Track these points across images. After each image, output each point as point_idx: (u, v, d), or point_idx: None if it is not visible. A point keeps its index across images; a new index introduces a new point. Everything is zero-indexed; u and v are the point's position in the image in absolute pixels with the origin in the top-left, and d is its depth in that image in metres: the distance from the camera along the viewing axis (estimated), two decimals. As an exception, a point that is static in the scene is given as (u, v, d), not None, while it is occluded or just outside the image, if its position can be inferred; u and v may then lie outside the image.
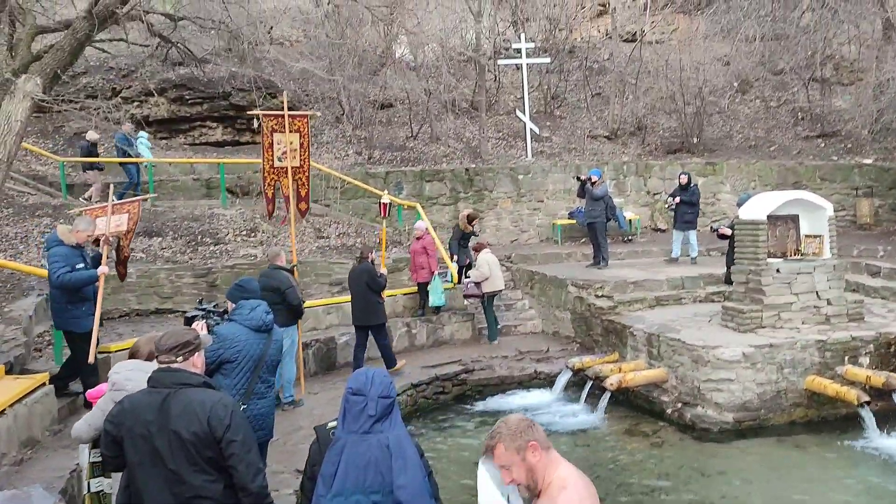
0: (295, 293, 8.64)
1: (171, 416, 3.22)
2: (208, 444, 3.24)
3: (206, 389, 3.33)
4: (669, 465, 7.99)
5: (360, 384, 3.27)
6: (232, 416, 3.29)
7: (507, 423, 2.82)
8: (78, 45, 10.36)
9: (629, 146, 20.63)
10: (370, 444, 3.20)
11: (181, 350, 3.34)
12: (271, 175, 9.84)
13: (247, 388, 4.83)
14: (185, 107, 19.08)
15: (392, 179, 17.37)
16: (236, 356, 4.81)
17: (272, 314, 5.09)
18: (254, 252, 13.34)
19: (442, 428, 9.53)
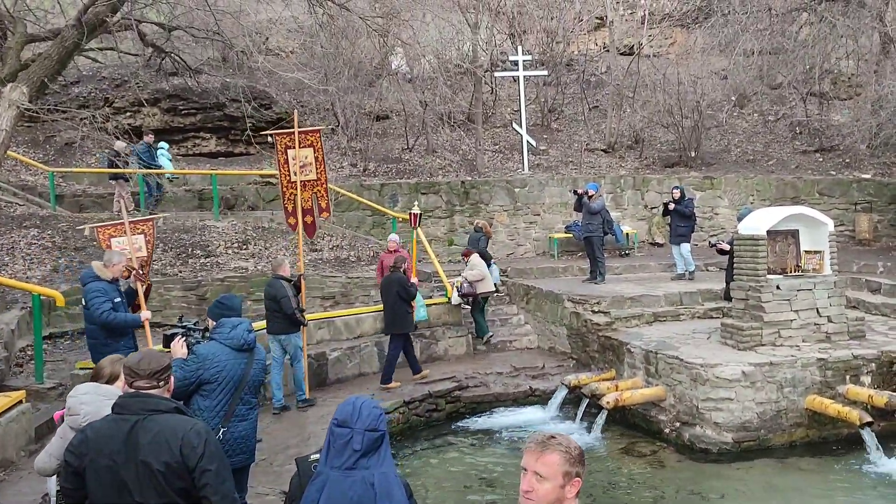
0: (289, 303, 8.90)
1: (139, 445, 2.99)
2: (180, 475, 3.02)
3: (178, 415, 3.11)
4: (667, 486, 7.76)
5: (346, 415, 2.97)
6: (206, 444, 3.07)
7: (570, 442, 2.53)
8: (66, 54, 10.18)
9: (626, 160, 20.50)
10: (354, 481, 2.91)
11: (162, 374, 3.13)
12: (290, 190, 10.12)
13: (227, 410, 4.62)
14: (179, 117, 18.93)
15: (387, 192, 17.20)
16: (216, 377, 4.59)
17: (254, 333, 4.87)
18: (245, 265, 13.14)
19: (435, 446, 9.29)
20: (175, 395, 4.52)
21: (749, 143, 20.49)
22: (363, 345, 11.37)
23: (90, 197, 16.06)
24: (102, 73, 19.33)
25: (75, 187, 16.58)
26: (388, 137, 20.85)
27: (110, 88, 18.94)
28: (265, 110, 19.89)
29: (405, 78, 21.41)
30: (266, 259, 13.62)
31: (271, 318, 9.15)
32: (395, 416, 9.61)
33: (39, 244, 12.44)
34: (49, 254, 12.18)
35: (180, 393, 4.53)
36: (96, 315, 6.78)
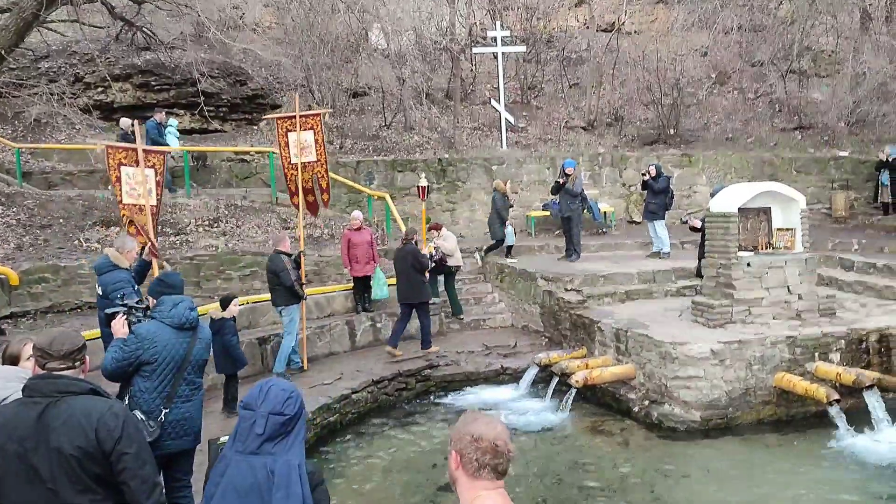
0: (287, 276, 9.45)
1: (50, 429, 2.85)
2: (95, 460, 2.88)
3: (94, 397, 2.96)
4: (634, 465, 7.72)
5: (252, 397, 2.84)
6: (124, 426, 2.93)
7: (464, 417, 2.45)
8: (24, 26, 9.88)
9: (606, 137, 20.37)
10: (254, 466, 2.77)
11: (77, 355, 2.98)
12: (291, 171, 10.45)
13: (169, 391, 4.47)
14: (152, 93, 18.55)
15: (363, 169, 17.00)
16: (156, 357, 4.44)
17: (196, 310, 4.71)
18: (215, 243, 12.92)
19: (403, 425, 9.21)
20: (114, 376, 4.42)
21: (728, 121, 20.39)
22: (333, 324, 11.25)
23: (59, 174, 15.74)
24: (72, 47, 18.88)
25: (44, 164, 16.24)
26: (365, 114, 20.58)
27: (80, 63, 18.49)
28: (241, 86, 19.57)
29: (383, 54, 21.11)
30: (238, 237, 13.42)
31: (273, 290, 9.76)
32: (363, 396, 9.53)
33: (3, 221, 12.17)
34: (13, 231, 11.92)
35: (119, 374, 4.40)
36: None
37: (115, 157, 8.28)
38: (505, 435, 2.34)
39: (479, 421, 2.36)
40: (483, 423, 2.35)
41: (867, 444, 7.79)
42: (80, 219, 12.78)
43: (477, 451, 2.30)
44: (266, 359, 10.31)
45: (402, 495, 7.06)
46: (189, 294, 11.60)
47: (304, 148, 10.35)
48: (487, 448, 2.29)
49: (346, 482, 7.51)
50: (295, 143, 10.31)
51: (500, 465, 2.31)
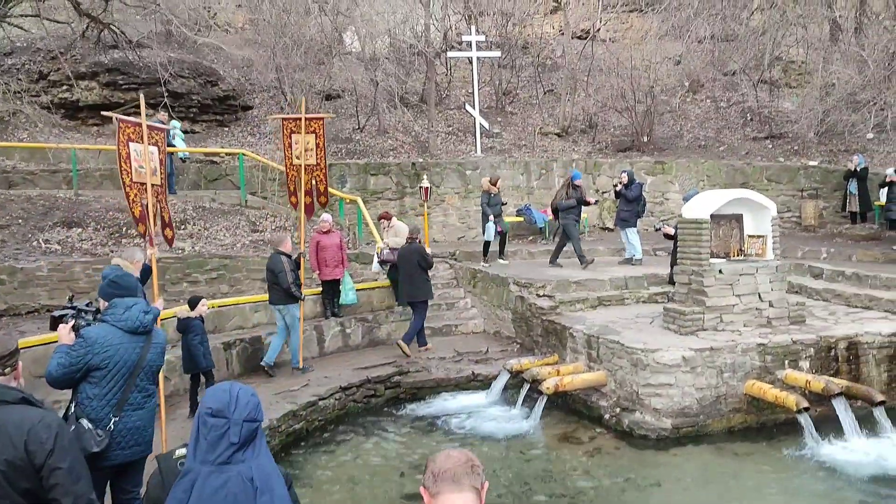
0: (285, 277, 9.68)
1: None
2: (25, 474, 2.68)
3: (26, 407, 2.76)
4: (603, 474, 7.60)
5: (222, 403, 2.64)
6: (56, 438, 2.73)
7: (475, 466, 2.35)
8: (-17, 19, 9.52)
9: (580, 144, 20.38)
10: (229, 476, 2.60)
11: (7, 360, 2.76)
12: (292, 172, 10.86)
13: (119, 399, 4.24)
14: (119, 92, 18.16)
15: (335, 172, 16.77)
16: (107, 362, 4.20)
17: (151, 314, 4.49)
18: (182, 245, 12.63)
19: (371, 433, 9.01)
20: (59, 382, 4.19)
21: (701, 129, 20.52)
22: (302, 328, 11.00)
23: (20, 173, 15.32)
24: (37, 44, 18.47)
25: (5, 163, 15.80)
26: (339, 117, 20.35)
27: (45, 61, 18.09)
28: (211, 87, 19.25)
29: (357, 56, 20.94)
30: (206, 240, 13.15)
31: (271, 289, 10.01)
32: (331, 403, 9.33)
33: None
34: (-30, 232, 11.55)
35: (65, 381, 4.16)
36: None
37: (125, 131, 8.01)
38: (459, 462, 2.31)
39: (439, 456, 2.34)
40: (442, 456, 2.33)
41: (836, 452, 7.75)
42: (40, 219, 12.43)
43: (437, 483, 2.26)
44: (231, 364, 10.07)
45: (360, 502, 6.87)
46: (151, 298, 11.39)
47: (307, 150, 10.80)
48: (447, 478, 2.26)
49: (311, 491, 7.30)
50: (297, 145, 10.77)
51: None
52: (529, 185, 17.82)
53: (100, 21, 15.84)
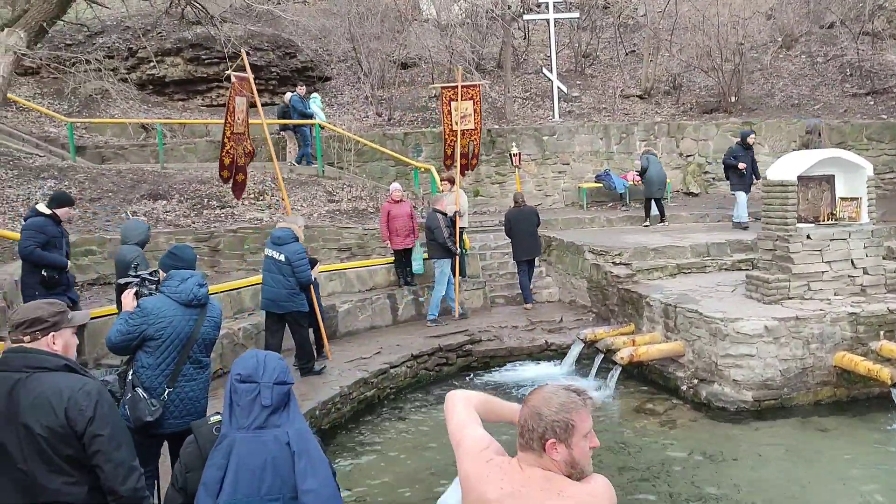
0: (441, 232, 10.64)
1: (20, 406, 2.69)
2: (67, 440, 2.72)
3: (67, 374, 2.80)
4: (679, 447, 7.35)
5: (251, 369, 2.72)
6: (97, 405, 2.76)
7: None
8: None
9: (663, 106, 19.63)
10: (265, 441, 2.66)
11: (29, 328, 2.78)
12: (451, 137, 12.04)
13: (173, 369, 4.30)
14: (202, 67, 18.62)
15: (410, 141, 16.76)
16: (161, 333, 4.26)
17: (206, 287, 4.50)
18: (260, 216, 12.91)
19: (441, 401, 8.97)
20: (117, 349, 4.29)
21: (794, 87, 19.39)
22: (375, 297, 11.10)
23: (112, 148, 15.98)
24: (126, 22, 19.09)
25: (98, 139, 16.51)
26: (414, 86, 20.31)
27: (133, 39, 18.69)
28: (290, 59, 19.48)
29: (433, 24, 20.74)
30: (283, 210, 13.36)
31: (429, 245, 10.91)
32: (402, 370, 9.37)
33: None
34: (64, 205, 12.10)
35: (122, 347, 4.26)
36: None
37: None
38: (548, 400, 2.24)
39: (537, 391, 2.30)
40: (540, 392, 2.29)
41: (935, 429, 7.25)
42: (129, 192, 12.92)
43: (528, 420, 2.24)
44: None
45: (434, 473, 6.87)
46: (232, 267, 11.71)
47: (465, 116, 11.79)
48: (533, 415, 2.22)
49: (379, 457, 7.37)
50: (456, 111, 11.85)
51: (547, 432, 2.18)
52: (609, 149, 17.30)
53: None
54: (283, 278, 8.10)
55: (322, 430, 7.74)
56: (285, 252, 8.10)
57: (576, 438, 2.16)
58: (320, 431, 7.67)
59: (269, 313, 8.40)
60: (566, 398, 2.18)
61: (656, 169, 13.82)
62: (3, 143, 13.88)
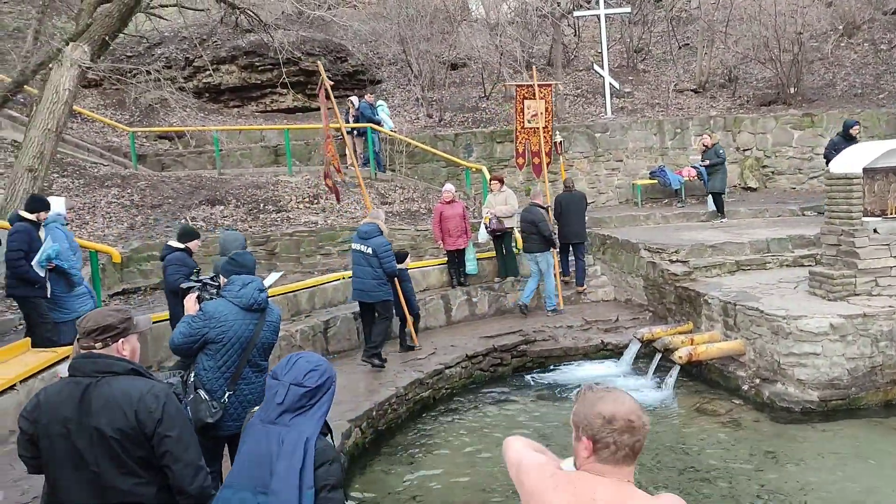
0: (546, 225, 10.95)
1: (91, 410, 2.78)
2: (137, 442, 2.80)
3: (135, 377, 2.88)
4: (740, 448, 7.18)
5: (279, 367, 2.86)
6: (165, 407, 2.83)
7: (587, 396, 2.20)
8: (127, 11, 10.16)
9: (718, 99, 19.19)
10: (270, 436, 2.77)
11: (100, 335, 2.87)
12: (522, 135, 12.61)
13: (234, 372, 4.38)
14: (256, 74, 18.99)
15: (461, 142, 16.77)
16: (221, 336, 4.35)
17: (266, 292, 4.56)
18: (315, 219, 13.10)
19: (497, 401, 9.00)
20: (180, 351, 4.40)
21: (857, 76, 18.73)
22: (429, 298, 11.14)
23: (171, 156, 16.41)
24: (183, 33, 19.58)
25: (157, 146, 16.97)
26: (465, 86, 20.32)
27: (190, 48, 19.15)
28: (341, 63, 19.71)
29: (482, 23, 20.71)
30: (337, 213, 13.55)
31: (528, 239, 11.10)
32: (457, 371, 9.38)
33: (119, 202, 12.78)
34: (127, 211, 12.49)
35: (185, 350, 4.37)
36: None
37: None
38: (636, 406, 2.10)
39: (605, 399, 2.10)
40: (611, 399, 2.10)
41: None
42: (188, 198, 13.25)
43: (613, 432, 2.04)
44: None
45: (491, 474, 6.85)
46: (289, 269, 11.89)
47: (536, 115, 12.33)
48: (623, 427, 2.04)
49: (434, 458, 7.39)
50: (528, 110, 12.39)
51: (638, 443, 2.07)
52: (663, 145, 17.02)
53: (234, 5, 16.53)
54: (370, 269, 8.73)
55: (379, 431, 7.81)
56: (372, 245, 8.72)
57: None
58: (377, 432, 7.75)
59: (361, 303, 9.12)
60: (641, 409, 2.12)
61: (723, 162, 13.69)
62: (70, 154, 14.38)
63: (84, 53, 9.48)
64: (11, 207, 9.24)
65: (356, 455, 7.21)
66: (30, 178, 9.30)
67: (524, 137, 12.56)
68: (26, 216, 6.89)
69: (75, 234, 9.88)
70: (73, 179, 13.37)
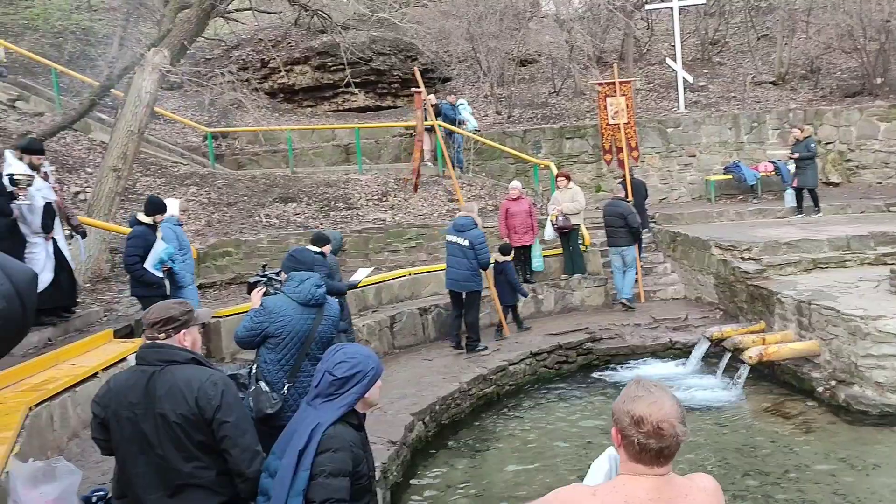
0: (635, 218, 11.08)
1: (156, 396, 2.95)
2: (198, 427, 2.96)
3: (195, 366, 3.03)
4: (814, 451, 6.96)
5: (325, 353, 3.08)
6: (223, 395, 2.98)
7: (627, 391, 2.15)
8: (204, 16, 10.58)
9: (799, 91, 18.52)
10: (303, 413, 3.00)
11: (164, 326, 3.04)
12: (607, 131, 13.10)
13: (293, 365, 4.51)
14: (328, 74, 19.35)
15: (530, 138, 16.72)
16: (280, 331, 4.48)
17: (323, 287, 4.68)
18: (383, 217, 13.31)
19: (562, 399, 8.97)
20: (243, 343, 4.59)
21: (951, 64, 17.75)
22: (494, 294, 11.16)
23: (247, 155, 16.94)
24: (259, 35, 20.14)
25: (234, 145, 17.53)
26: (534, 82, 20.23)
27: (265, 50, 19.68)
28: (411, 62, 19.88)
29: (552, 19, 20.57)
30: (405, 210, 13.73)
31: (615, 233, 11.15)
32: (521, 368, 9.39)
33: (197, 200, 13.28)
34: (204, 209, 12.98)
35: (247, 342, 4.54)
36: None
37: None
38: (673, 414, 2.02)
39: (641, 399, 2.04)
40: (646, 401, 2.03)
41: None
42: (262, 196, 13.66)
43: (639, 434, 2.00)
44: (427, 328, 10.46)
45: (553, 470, 6.85)
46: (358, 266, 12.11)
47: (618, 112, 12.77)
48: (650, 431, 1.99)
49: (498, 454, 7.44)
50: (612, 107, 12.83)
51: (666, 449, 2.01)
52: (738, 140, 16.55)
53: (306, 7, 16.92)
54: (465, 261, 9.21)
55: (442, 425, 7.91)
56: (468, 237, 9.20)
57: None
58: (440, 426, 7.85)
59: (452, 293, 9.61)
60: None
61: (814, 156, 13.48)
62: (153, 154, 15.02)
63: (164, 58, 9.89)
64: (97, 205, 9.75)
65: (419, 448, 7.33)
66: (114, 177, 9.77)
67: (609, 134, 13.01)
68: (143, 220, 7.20)
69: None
70: (155, 178, 13.95)
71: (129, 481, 3.02)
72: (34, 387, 5.36)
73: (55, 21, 20.68)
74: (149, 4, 17.29)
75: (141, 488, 2.98)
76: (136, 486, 2.99)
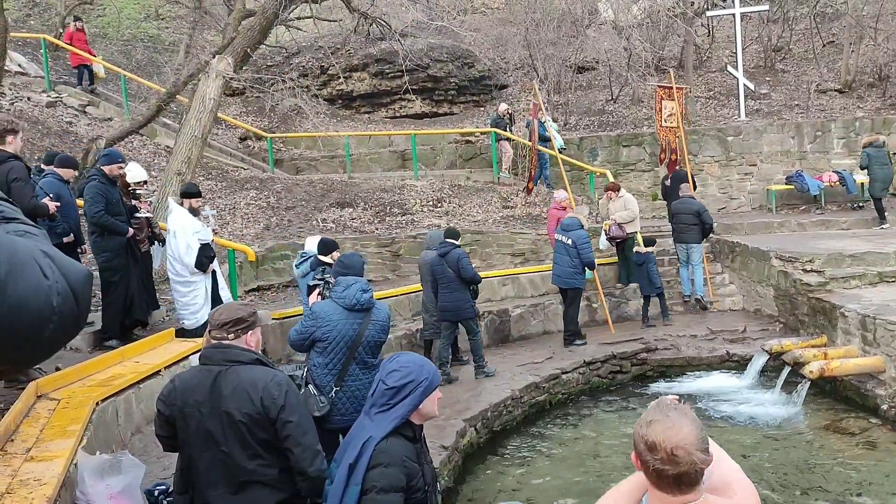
0: (709, 216, 11.54)
1: (222, 395, 3.06)
2: (262, 426, 3.06)
3: (259, 367, 3.14)
4: (877, 471, 6.75)
5: (383, 362, 3.04)
6: (286, 395, 3.08)
7: (646, 414, 2.04)
8: (267, 25, 10.85)
9: (866, 100, 17.98)
10: (362, 425, 2.96)
11: (233, 327, 3.15)
12: (662, 133, 13.56)
13: (340, 370, 4.59)
14: (386, 80, 19.58)
15: (586, 145, 16.62)
16: (327, 335, 4.57)
17: (370, 292, 4.72)
18: (437, 222, 13.38)
19: (615, 410, 8.89)
20: (294, 346, 4.70)
21: None
22: (548, 302, 11.15)
23: (305, 160, 17.26)
24: (319, 42, 20.53)
25: (293, 151, 17.89)
26: (591, 89, 20.10)
27: (324, 57, 20.03)
28: (468, 69, 20.00)
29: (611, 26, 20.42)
30: (460, 216, 13.80)
31: (686, 230, 11.42)
32: (574, 377, 9.35)
33: (256, 204, 13.60)
34: (263, 213, 13.27)
35: (299, 345, 4.66)
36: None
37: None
38: (690, 440, 1.87)
39: (657, 423, 1.91)
40: (662, 426, 1.90)
41: None
42: (319, 200, 13.90)
43: (654, 460, 1.88)
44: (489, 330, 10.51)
45: (604, 479, 6.80)
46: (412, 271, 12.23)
47: (671, 115, 13.27)
48: (665, 458, 1.87)
49: (549, 462, 7.42)
50: (665, 110, 13.33)
51: (685, 476, 1.88)
52: (801, 149, 16.15)
53: (366, 15, 17.19)
54: (568, 259, 9.81)
55: (494, 431, 7.93)
56: (572, 237, 9.79)
57: None
58: (492, 432, 7.87)
59: (560, 288, 10.22)
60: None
61: (880, 164, 13.16)
62: (215, 158, 15.45)
63: (228, 65, 10.17)
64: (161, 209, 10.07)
65: (470, 454, 7.36)
66: (178, 181, 10.08)
67: (664, 135, 13.45)
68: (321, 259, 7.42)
69: (217, 235, 10.64)
70: (217, 182, 14.34)
71: (193, 477, 3.13)
72: (101, 382, 5.57)
73: (125, 29, 21.46)
74: (214, 13, 17.82)
75: (205, 484, 3.09)
76: (200, 482, 3.10)
